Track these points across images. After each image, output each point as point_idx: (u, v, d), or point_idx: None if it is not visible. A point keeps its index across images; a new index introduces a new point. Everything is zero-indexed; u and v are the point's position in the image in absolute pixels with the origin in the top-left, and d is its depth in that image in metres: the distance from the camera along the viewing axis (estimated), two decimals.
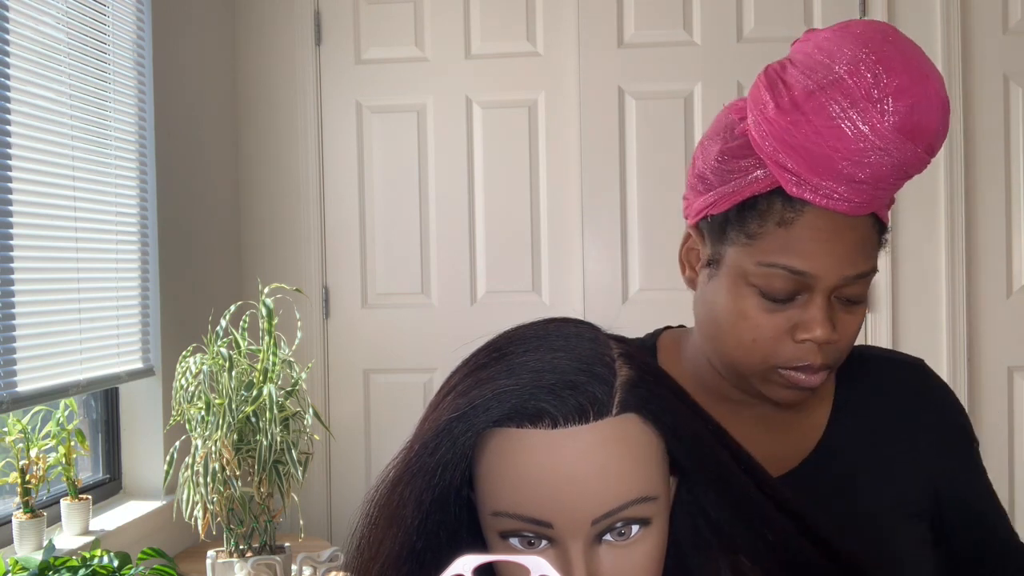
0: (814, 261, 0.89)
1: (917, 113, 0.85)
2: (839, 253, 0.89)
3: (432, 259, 3.04)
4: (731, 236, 0.93)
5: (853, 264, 0.90)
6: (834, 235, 0.89)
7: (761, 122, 0.90)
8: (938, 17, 2.86)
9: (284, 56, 3.06)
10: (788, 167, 0.88)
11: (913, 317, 2.89)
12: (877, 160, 0.86)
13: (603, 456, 0.65)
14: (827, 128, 0.86)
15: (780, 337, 0.92)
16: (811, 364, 0.92)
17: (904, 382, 1.05)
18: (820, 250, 0.89)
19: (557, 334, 0.71)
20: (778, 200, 0.90)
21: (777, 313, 0.91)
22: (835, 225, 0.89)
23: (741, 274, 0.92)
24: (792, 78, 0.90)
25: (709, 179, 0.95)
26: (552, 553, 0.67)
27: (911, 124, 0.85)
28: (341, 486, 3.06)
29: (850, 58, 0.86)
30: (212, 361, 2.12)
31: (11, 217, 1.98)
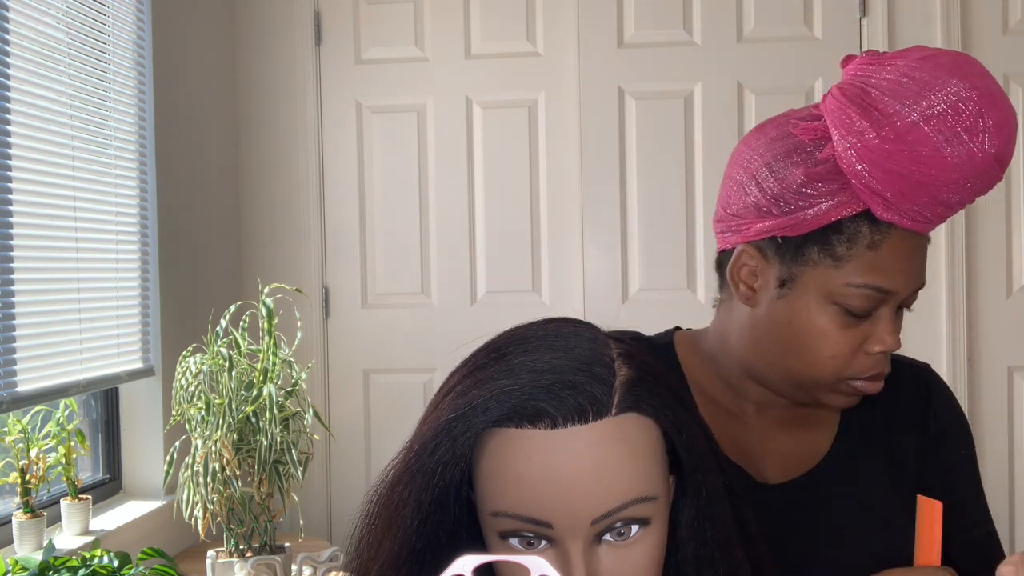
0: (897, 279, 0.94)
1: (1011, 143, 0.91)
2: (915, 269, 0.96)
3: (432, 259, 3.04)
4: (813, 258, 0.95)
5: (922, 276, 0.97)
6: (914, 253, 0.95)
7: (859, 149, 0.91)
8: (938, 17, 2.86)
9: (284, 56, 3.06)
10: (881, 192, 0.91)
11: (913, 317, 2.88)
12: (972, 186, 0.91)
13: (602, 456, 0.65)
14: (931, 158, 0.89)
15: (855, 351, 0.97)
16: (881, 372, 0.98)
17: (912, 384, 1.08)
18: (903, 268, 0.94)
19: (556, 334, 0.71)
20: (865, 223, 0.93)
21: (854, 328, 0.96)
22: (915, 244, 0.95)
23: (826, 294, 0.95)
24: (887, 107, 0.91)
25: (789, 201, 0.95)
26: (552, 553, 0.67)
27: (1006, 153, 0.91)
28: (341, 486, 3.06)
29: (953, 91, 0.89)
30: (212, 361, 2.12)
31: (11, 217, 1.98)
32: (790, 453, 1.05)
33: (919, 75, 0.91)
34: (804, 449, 1.06)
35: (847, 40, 2.91)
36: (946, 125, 0.88)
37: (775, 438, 1.06)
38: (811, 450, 1.06)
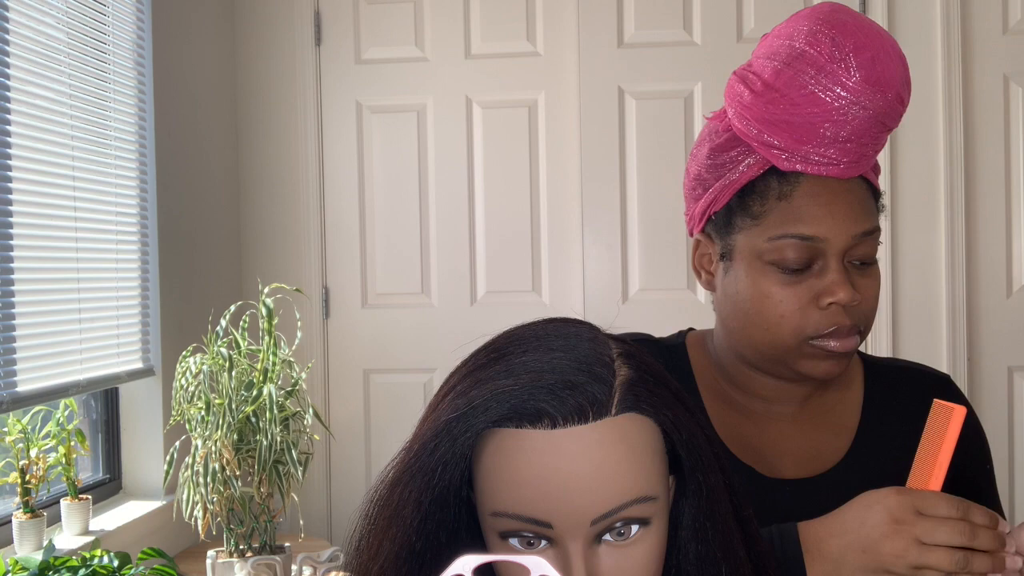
0: (819, 225, 0.94)
1: (879, 64, 0.92)
2: (841, 214, 0.95)
3: (432, 259, 3.04)
4: (737, 224, 0.99)
5: (857, 222, 0.95)
6: (833, 198, 0.95)
7: (740, 110, 0.97)
8: (938, 17, 2.86)
9: (284, 56, 3.06)
10: (775, 144, 0.95)
11: (913, 317, 2.89)
12: (855, 115, 0.93)
13: (602, 456, 0.65)
14: (802, 97, 0.93)
15: (805, 307, 0.95)
16: (840, 327, 0.95)
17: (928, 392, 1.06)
18: (822, 213, 0.94)
19: (556, 334, 0.71)
20: (773, 178, 0.96)
21: (797, 285, 0.95)
22: (831, 189, 0.95)
23: (755, 255, 0.97)
24: (759, 66, 0.98)
25: (705, 179, 1.01)
26: (552, 553, 0.67)
27: (876, 75, 0.92)
28: (341, 486, 3.06)
29: (807, 31, 0.94)
30: (212, 361, 2.12)
31: (11, 217, 1.98)
32: (806, 453, 1.05)
33: (782, 31, 0.98)
34: (821, 449, 1.05)
35: None
36: (807, 62, 0.93)
37: (791, 437, 1.05)
38: (828, 451, 1.05)
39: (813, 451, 1.05)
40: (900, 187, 2.89)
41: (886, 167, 2.86)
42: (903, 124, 2.94)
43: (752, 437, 1.04)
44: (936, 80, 2.86)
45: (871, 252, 0.97)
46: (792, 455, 1.04)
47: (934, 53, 2.86)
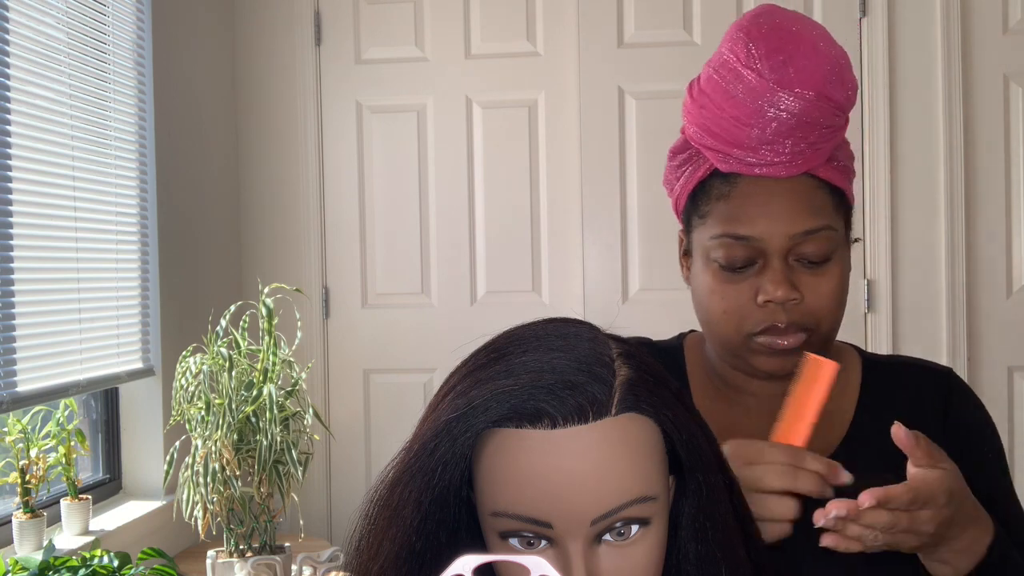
0: (754, 225, 0.97)
1: (793, 66, 0.94)
2: (776, 214, 0.97)
3: (432, 259, 3.04)
4: (693, 222, 1.04)
5: (794, 222, 0.96)
6: (768, 198, 0.97)
7: (685, 115, 1.04)
8: (938, 17, 2.86)
9: (284, 56, 3.06)
10: (712, 147, 1.00)
11: (913, 317, 2.89)
12: (773, 117, 0.95)
13: (602, 456, 0.66)
14: (723, 100, 0.97)
15: (746, 304, 0.98)
16: (776, 324, 0.97)
17: (930, 385, 1.07)
18: (758, 213, 0.97)
19: (556, 334, 0.71)
20: (716, 179, 1.00)
21: (739, 283, 0.98)
22: (767, 190, 0.97)
23: (704, 252, 1.01)
24: (702, 73, 1.03)
25: (671, 179, 1.08)
26: (552, 553, 0.67)
27: (788, 77, 0.94)
28: (341, 486, 3.06)
29: (730, 38, 0.99)
30: (212, 361, 2.12)
31: (11, 217, 1.98)
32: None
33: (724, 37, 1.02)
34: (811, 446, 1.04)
35: (847, 40, 2.91)
36: (727, 68, 0.98)
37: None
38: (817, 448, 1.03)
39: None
40: (900, 187, 2.89)
41: (886, 167, 2.86)
42: (903, 124, 2.95)
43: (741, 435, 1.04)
44: (936, 80, 2.86)
45: (819, 251, 0.97)
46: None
47: (934, 53, 2.86)
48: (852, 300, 3.32)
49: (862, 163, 2.89)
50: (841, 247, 1.01)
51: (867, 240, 2.89)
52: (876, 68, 2.87)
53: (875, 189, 2.88)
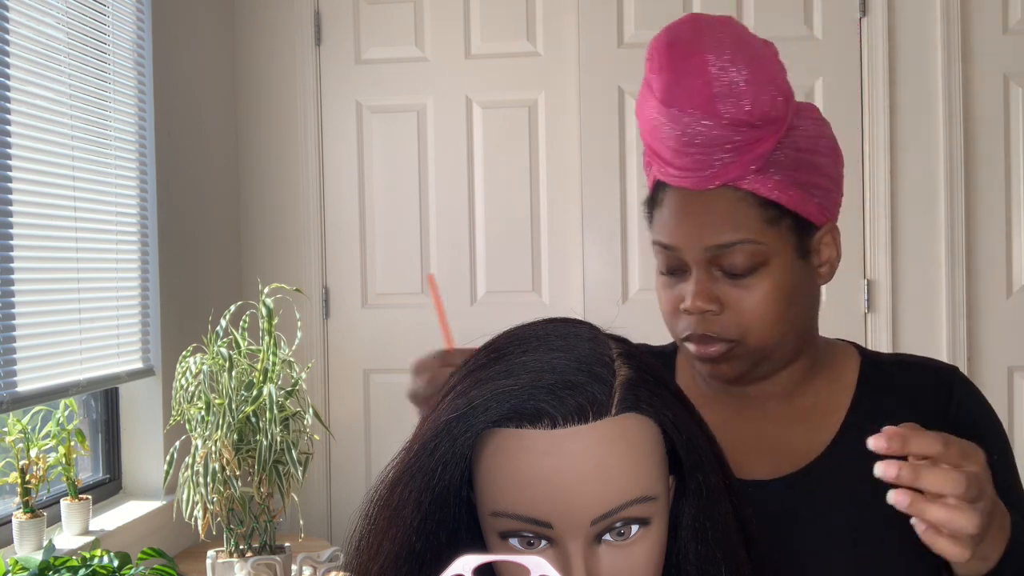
0: (672, 235, 0.98)
1: (679, 86, 0.95)
2: (692, 225, 0.97)
3: (432, 259, 3.04)
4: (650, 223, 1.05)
5: (710, 235, 0.96)
6: (686, 209, 0.98)
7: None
8: (938, 17, 2.86)
9: (284, 56, 3.06)
10: (647, 153, 1.03)
11: (913, 317, 2.89)
12: (669, 133, 0.96)
13: (602, 456, 0.65)
14: (640, 111, 1.01)
15: (674, 310, 1.01)
16: (692, 334, 0.99)
17: (931, 383, 1.04)
18: (676, 223, 0.98)
19: (556, 334, 0.71)
20: (660, 184, 1.02)
21: (674, 287, 1.00)
22: (687, 201, 0.98)
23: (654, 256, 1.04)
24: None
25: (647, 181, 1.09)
26: (552, 553, 0.67)
27: (670, 96, 0.95)
28: (341, 486, 3.06)
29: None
30: (212, 361, 2.12)
31: (11, 217, 1.98)
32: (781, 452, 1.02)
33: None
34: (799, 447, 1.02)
35: (847, 40, 2.91)
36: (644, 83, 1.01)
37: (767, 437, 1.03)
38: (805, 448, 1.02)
39: (788, 450, 1.02)
40: (900, 187, 2.89)
41: (886, 167, 2.86)
42: (903, 124, 2.95)
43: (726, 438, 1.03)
44: (936, 80, 2.86)
45: (739, 264, 0.96)
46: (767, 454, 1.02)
47: (934, 53, 2.86)
48: (852, 300, 3.31)
49: (862, 163, 2.89)
50: (776, 259, 0.97)
51: (867, 240, 2.89)
52: (876, 68, 2.87)
53: (875, 189, 2.88)
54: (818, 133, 0.99)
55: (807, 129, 0.98)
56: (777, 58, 0.98)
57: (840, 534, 0.98)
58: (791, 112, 0.96)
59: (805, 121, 0.99)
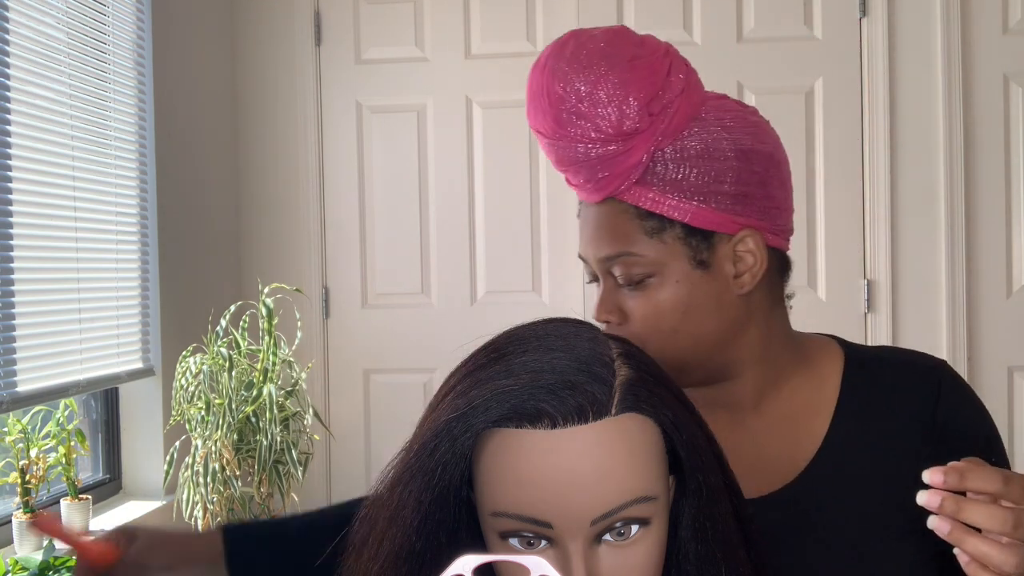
0: (580, 246, 1.00)
1: (534, 111, 0.96)
2: (587, 238, 0.98)
3: (432, 259, 3.04)
4: None
5: (597, 248, 0.97)
6: (584, 221, 0.99)
7: None
8: (938, 17, 2.86)
9: (284, 56, 3.06)
10: None
11: (913, 317, 2.89)
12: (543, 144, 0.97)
13: (602, 456, 0.65)
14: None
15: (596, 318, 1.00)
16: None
17: (918, 386, 0.98)
18: (581, 237, 1.00)
19: (556, 334, 0.71)
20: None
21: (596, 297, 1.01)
22: (585, 213, 0.99)
23: None
24: None
25: None
26: (552, 553, 0.67)
27: (533, 121, 0.97)
28: (341, 486, 3.06)
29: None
30: (212, 361, 2.12)
31: (11, 217, 1.98)
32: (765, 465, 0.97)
33: None
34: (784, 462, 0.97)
35: (847, 40, 2.91)
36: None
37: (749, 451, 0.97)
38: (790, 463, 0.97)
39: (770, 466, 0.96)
40: (900, 187, 2.89)
41: (886, 167, 2.86)
42: (903, 124, 2.94)
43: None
44: (936, 80, 2.86)
45: (627, 275, 0.94)
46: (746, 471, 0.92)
47: (934, 53, 2.86)
48: (852, 300, 3.31)
49: (862, 163, 2.89)
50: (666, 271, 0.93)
51: (867, 240, 2.89)
52: (876, 68, 2.87)
53: (875, 189, 2.88)
54: (722, 138, 0.93)
55: (705, 135, 0.93)
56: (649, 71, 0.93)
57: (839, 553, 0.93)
58: (670, 118, 0.92)
59: (708, 125, 0.94)
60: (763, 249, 0.95)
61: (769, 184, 0.96)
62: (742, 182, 0.94)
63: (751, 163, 0.94)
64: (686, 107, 0.94)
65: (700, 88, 0.98)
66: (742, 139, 0.95)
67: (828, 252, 2.90)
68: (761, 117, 1.00)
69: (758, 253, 0.95)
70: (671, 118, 0.93)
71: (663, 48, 0.98)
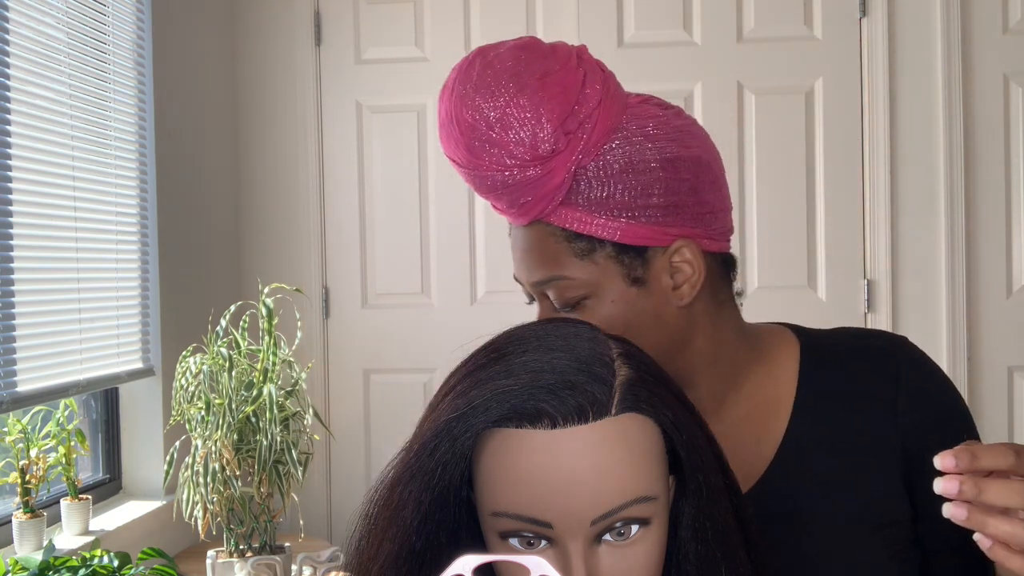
0: (514, 267, 0.99)
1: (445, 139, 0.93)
2: (518, 261, 0.97)
3: (432, 259, 3.04)
4: None
5: (528, 272, 0.96)
6: (514, 244, 0.98)
7: None
8: (938, 17, 2.86)
9: (284, 56, 3.06)
10: None
11: (913, 317, 2.89)
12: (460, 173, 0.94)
13: (602, 456, 0.65)
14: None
15: None
16: None
17: (877, 372, 0.94)
18: (513, 257, 0.98)
19: (556, 334, 0.71)
20: None
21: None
22: (514, 236, 0.97)
23: None
24: None
25: None
26: (552, 553, 0.67)
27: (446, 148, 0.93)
28: (341, 486, 3.06)
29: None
30: (212, 361, 2.12)
31: (11, 217, 1.98)
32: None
33: None
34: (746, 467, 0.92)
35: (847, 40, 2.91)
36: None
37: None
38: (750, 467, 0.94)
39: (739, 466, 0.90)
40: (900, 187, 2.89)
41: (886, 167, 2.86)
42: (903, 124, 2.94)
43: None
44: (936, 80, 2.86)
45: (562, 299, 0.92)
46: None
47: (934, 53, 2.86)
48: (852, 300, 3.32)
49: (862, 163, 2.89)
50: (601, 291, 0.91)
51: (867, 240, 2.89)
52: (876, 68, 2.87)
53: (875, 189, 2.88)
54: (644, 148, 0.89)
55: (628, 147, 0.89)
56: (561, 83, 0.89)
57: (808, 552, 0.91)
58: (588, 135, 0.88)
59: (630, 136, 0.89)
60: (699, 257, 0.92)
61: (700, 190, 0.91)
62: (671, 192, 0.90)
63: (678, 171, 0.90)
64: (605, 119, 0.89)
65: (619, 95, 0.92)
66: (667, 147, 0.90)
67: (828, 252, 2.90)
68: (687, 118, 0.95)
69: (695, 262, 0.91)
70: (589, 133, 0.88)
71: (575, 56, 0.91)
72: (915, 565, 0.94)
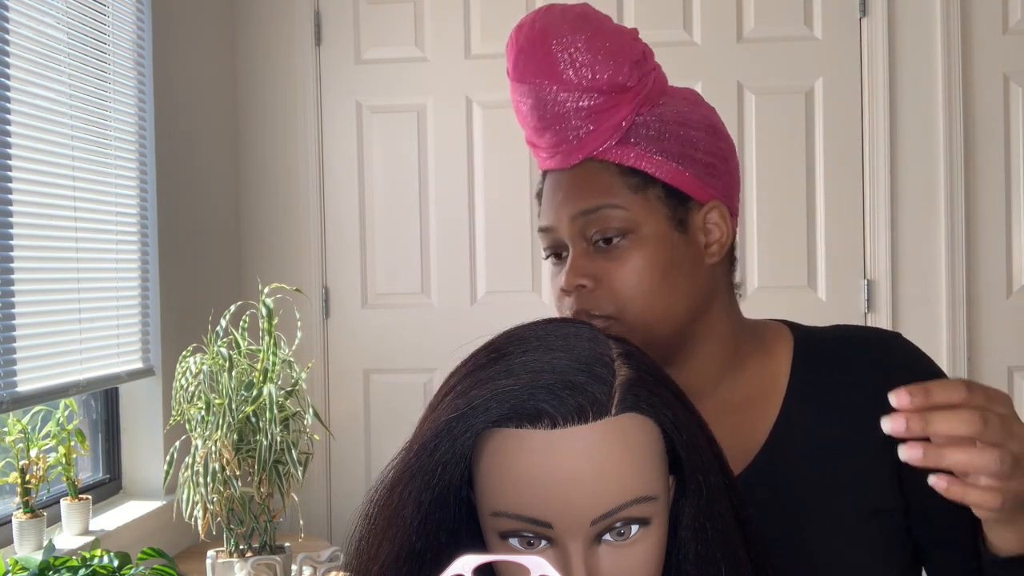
0: (547, 215, 0.99)
1: (525, 61, 0.98)
2: (561, 200, 0.97)
3: (432, 259, 3.04)
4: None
5: (574, 203, 0.96)
6: (556, 188, 0.98)
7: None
8: (938, 17, 2.86)
9: (284, 56, 3.06)
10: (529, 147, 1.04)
11: (913, 317, 2.89)
12: (527, 110, 0.99)
13: (602, 456, 0.65)
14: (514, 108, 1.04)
15: (559, 296, 0.98)
16: (576, 312, 0.95)
17: (870, 360, 0.96)
18: (549, 204, 0.99)
19: (556, 334, 0.71)
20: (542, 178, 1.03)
21: (557, 276, 0.98)
22: (557, 179, 0.98)
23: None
24: None
25: None
26: (552, 553, 0.67)
27: (521, 72, 0.98)
28: (341, 486, 3.06)
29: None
30: (212, 361, 2.12)
31: (11, 217, 1.98)
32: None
33: None
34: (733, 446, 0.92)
35: (847, 40, 2.91)
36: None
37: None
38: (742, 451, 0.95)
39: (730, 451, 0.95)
40: (900, 187, 2.89)
41: (886, 167, 2.86)
42: (903, 124, 2.94)
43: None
44: (936, 80, 2.86)
45: (604, 227, 0.93)
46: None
47: (934, 53, 2.86)
48: (852, 300, 3.31)
49: (862, 163, 2.89)
50: (646, 228, 0.93)
51: (867, 240, 2.89)
52: (876, 68, 2.87)
53: (875, 189, 2.88)
54: (691, 111, 0.97)
55: (677, 106, 0.97)
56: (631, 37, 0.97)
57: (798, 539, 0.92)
58: (650, 84, 0.96)
59: (676, 100, 0.98)
60: (727, 221, 0.97)
61: (730, 161, 0.99)
62: (711, 153, 0.96)
63: (716, 138, 0.98)
64: (660, 77, 0.98)
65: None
66: (708, 115, 0.99)
67: (828, 252, 2.90)
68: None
69: (723, 226, 0.97)
70: (651, 84, 0.96)
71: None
72: (905, 554, 0.95)
